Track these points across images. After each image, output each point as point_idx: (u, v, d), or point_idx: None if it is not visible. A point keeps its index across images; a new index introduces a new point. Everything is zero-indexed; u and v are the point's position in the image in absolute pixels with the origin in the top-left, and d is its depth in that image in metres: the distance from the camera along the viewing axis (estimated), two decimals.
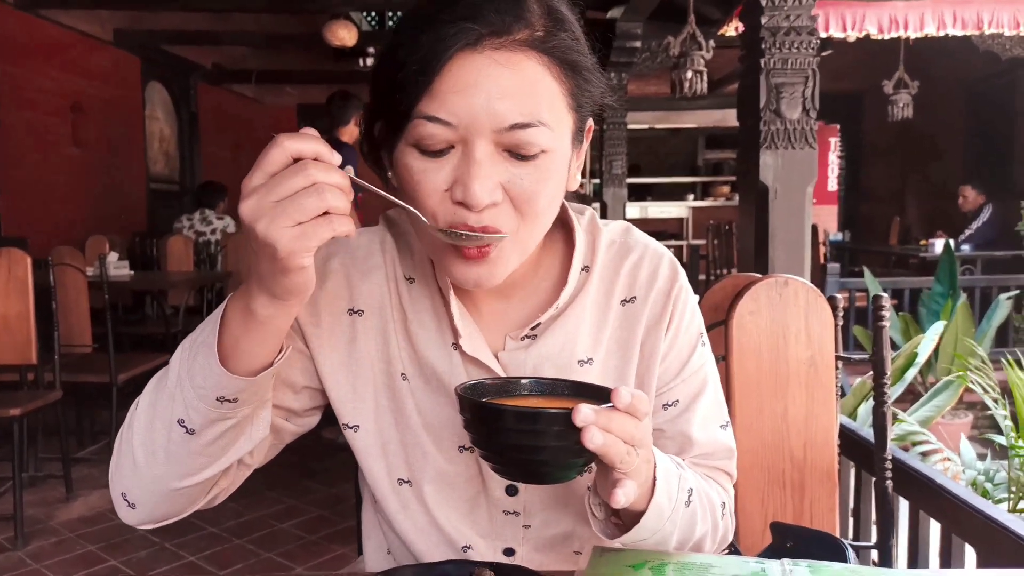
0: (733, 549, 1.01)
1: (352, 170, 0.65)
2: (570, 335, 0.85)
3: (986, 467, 2.76)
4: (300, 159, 0.62)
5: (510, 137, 0.71)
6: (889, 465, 1.37)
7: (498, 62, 0.70)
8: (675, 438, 0.89)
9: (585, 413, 0.63)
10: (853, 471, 1.72)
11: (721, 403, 0.93)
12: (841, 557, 0.96)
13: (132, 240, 6.15)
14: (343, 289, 0.85)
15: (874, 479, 1.44)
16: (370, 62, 7.06)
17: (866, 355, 1.40)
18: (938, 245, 6.08)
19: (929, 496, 1.43)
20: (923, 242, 6.94)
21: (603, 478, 0.72)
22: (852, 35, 5.10)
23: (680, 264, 0.91)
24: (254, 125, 9.25)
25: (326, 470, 3.75)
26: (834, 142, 9.25)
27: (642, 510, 0.74)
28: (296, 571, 2.75)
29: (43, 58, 5.75)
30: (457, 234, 0.71)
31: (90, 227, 5.71)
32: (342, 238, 0.87)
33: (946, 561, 1.40)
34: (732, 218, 7.28)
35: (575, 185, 0.81)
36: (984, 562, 1.30)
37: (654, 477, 0.74)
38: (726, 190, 9.95)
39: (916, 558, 1.50)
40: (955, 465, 2.70)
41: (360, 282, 0.86)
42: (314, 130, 0.64)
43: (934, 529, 1.47)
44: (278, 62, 8.55)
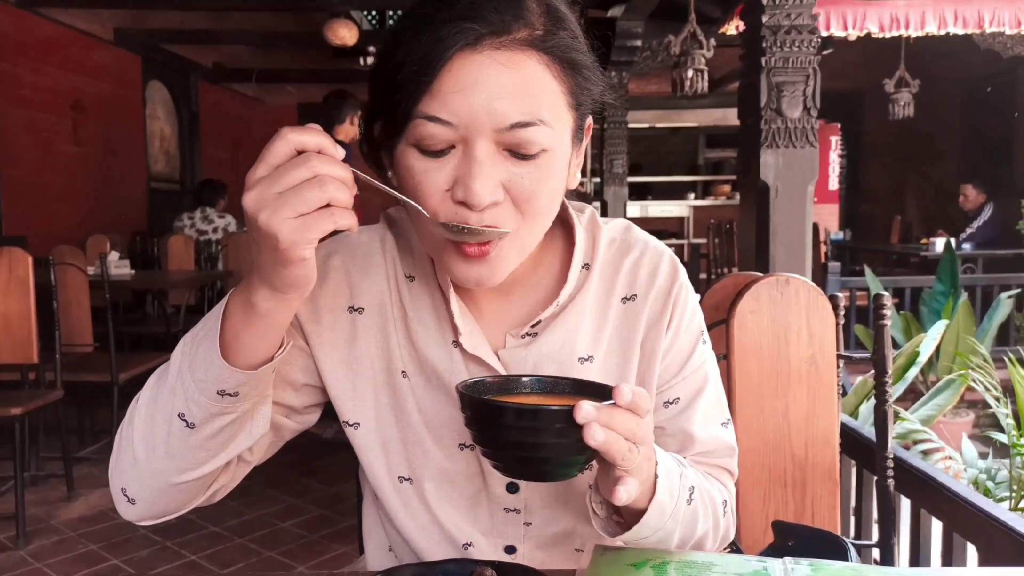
0: (735, 548, 1.01)
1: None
2: (571, 332, 0.85)
3: (987, 466, 2.76)
4: (304, 152, 0.63)
5: (511, 136, 0.71)
6: (891, 464, 1.37)
7: (498, 61, 0.70)
8: (676, 436, 0.89)
9: (587, 410, 0.63)
10: (854, 470, 1.72)
11: (722, 401, 0.93)
12: (843, 556, 0.96)
13: (133, 239, 6.15)
14: (343, 287, 0.86)
15: (875, 478, 1.45)
16: (370, 61, 7.05)
17: (867, 354, 1.40)
18: (939, 244, 6.07)
19: (930, 495, 1.43)
20: (924, 241, 6.94)
21: (604, 476, 0.72)
22: (853, 34, 5.08)
23: (680, 262, 0.91)
24: (254, 124, 9.26)
25: (326, 469, 3.75)
26: (835, 141, 9.26)
27: (644, 508, 0.74)
28: (297, 570, 2.75)
29: (44, 57, 5.75)
30: (459, 228, 0.72)
31: (91, 226, 5.71)
32: (343, 237, 0.88)
33: (947, 560, 1.40)
34: (733, 217, 7.28)
35: (575, 183, 0.81)
36: (985, 560, 1.30)
37: (655, 475, 0.74)
38: (727, 189, 9.95)
39: (917, 557, 1.50)
40: (956, 464, 2.70)
41: (360, 280, 0.86)
42: (318, 126, 0.65)
43: (935, 528, 1.47)
44: (278, 61, 8.55)
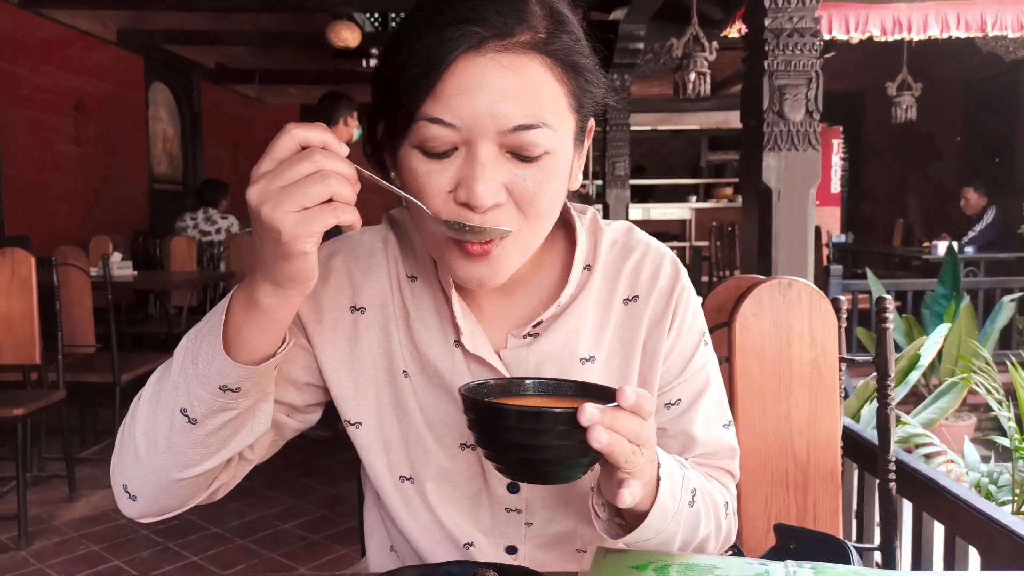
0: (737, 550, 1.01)
1: None
2: (572, 333, 0.85)
3: (990, 469, 2.75)
4: (308, 147, 0.63)
5: (513, 139, 0.71)
6: (892, 467, 1.37)
7: (501, 64, 0.70)
8: (678, 437, 0.89)
9: (590, 412, 0.63)
10: (856, 473, 1.72)
11: (724, 402, 0.93)
12: (844, 559, 0.96)
13: (135, 240, 6.15)
14: (345, 286, 0.86)
15: (878, 481, 1.44)
16: (373, 63, 7.06)
17: (869, 357, 1.40)
18: (941, 247, 6.07)
19: (932, 498, 1.42)
20: (926, 244, 6.93)
21: (607, 478, 0.72)
22: (855, 37, 5.08)
23: (682, 264, 0.91)
24: (256, 125, 9.27)
25: (327, 469, 3.75)
26: (837, 144, 9.27)
27: (646, 510, 0.74)
28: (299, 571, 2.75)
29: (46, 57, 5.76)
30: (461, 226, 0.72)
31: (93, 227, 5.72)
32: (345, 237, 0.88)
33: (949, 563, 1.40)
34: (735, 220, 7.28)
35: (576, 185, 0.82)
36: (987, 564, 1.30)
37: (658, 477, 0.74)
38: (729, 192, 9.96)
39: (919, 560, 1.50)
40: (958, 467, 2.70)
41: (362, 280, 0.86)
42: (323, 124, 0.65)
43: (937, 531, 1.46)
44: (280, 62, 8.57)
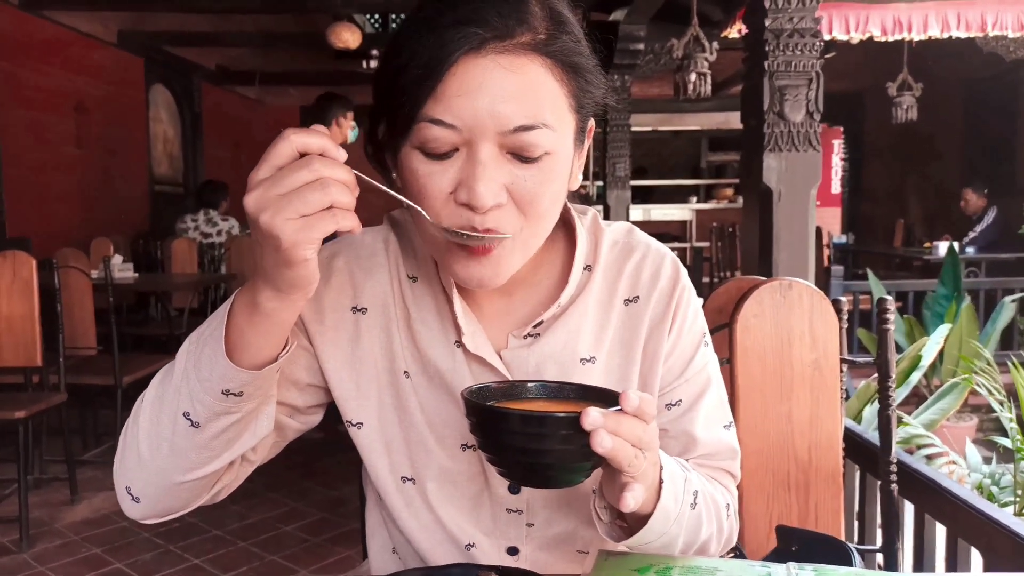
0: (738, 552, 1.01)
1: None
2: (573, 333, 0.85)
3: (992, 470, 2.75)
4: (307, 154, 0.63)
5: (514, 139, 0.71)
6: (894, 468, 1.37)
7: (502, 65, 0.70)
8: (679, 438, 0.89)
9: (594, 417, 0.63)
10: (858, 474, 1.71)
11: (724, 403, 0.93)
12: (846, 561, 0.95)
13: (136, 242, 6.15)
14: (347, 287, 0.86)
15: (879, 482, 1.44)
16: (373, 64, 7.06)
17: (870, 358, 1.40)
18: (942, 247, 6.06)
19: (934, 499, 1.42)
20: (927, 244, 6.93)
21: (609, 481, 0.72)
22: (856, 37, 5.08)
23: (683, 265, 0.91)
24: (257, 126, 9.28)
25: (328, 471, 3.75)
26: (837, 144, 9.26)
27: (648, 513, 0.74)
28: (300, 574, 2.75)
29: (47, 59, 5.77)
30: (460, 234, 0.72)
31: (94, 228, 5.72)
32: (347, 238, 0.88)
33: (952, 565, 1.39)
34: (736, 220, 7.29)
35: (576, 184, 0.82)
36: (990, 566, 1.30)
37: (660, 479, 0.74)
38: (729, 192, 9.96)
39: (921, 562, 1.50)
40: (960, 468, 2.69)
41: (364, 280, 0.86)
42: (323, 127, 0.65)
43: (939, 532, 1.46)
44: (281, 63, 8.57)
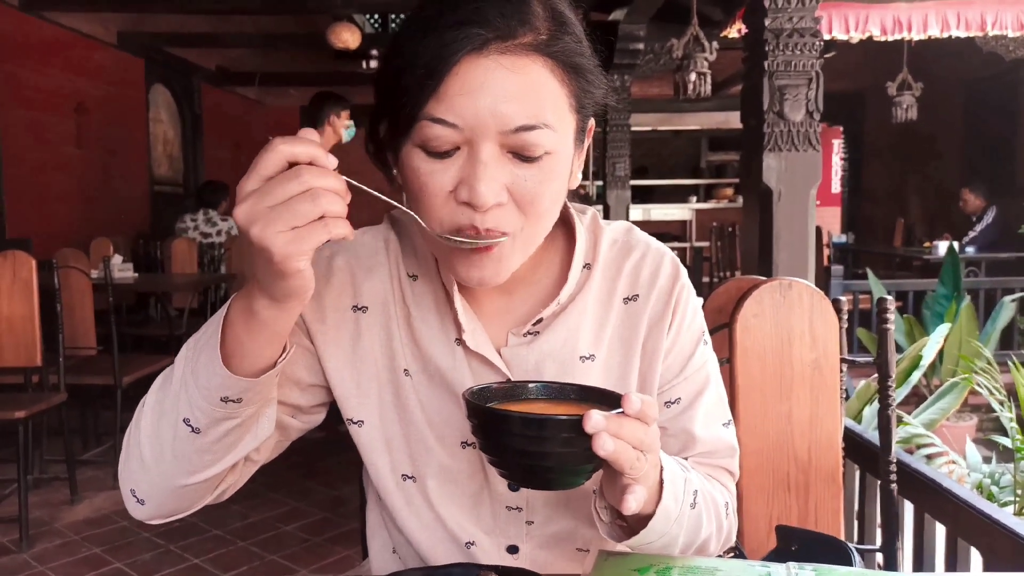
0: (738, 552, 1.01)
1: None
2: (572, 331, 0.86)
3: (991, 470, 2.75)
4: (296, 163, 0.62)
5: (515, 139, 0.71)
6: (894, 468, 1.37)
7: (504, 66, 0.71)
8: (678, 436, 0.89)
9: (596, 420, 0.63)
10: (858, 474, 1.71)
11: (723, 401, 0.93)
12: (846, 560, 0.96)
13: (136, 242, 6.15)
14: (347, 286, 0.86)
15: (879, 482, 1.44)
16: (373, 64, 7.06)
17: (870, 357, 1.40)
18: (942, 247, 6.06)
19: (934, 499, 1.42)
20: (927, 244, 6.93)
21: (610, 483, 0.72)
22: (855, 36, 5.08)
23: (682, 264, 0.91)
24: (257, 126, 9.28)
25: (328, 471, 3.75)
26: (837, 144, 9.26)
27: (649, 513, 0.74)
28: (300, 573, 2.75)
29: (47, 60, 5.76)
30: (458, 241, 0.72)
31: (94, 229, 5.72)
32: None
33: (951, 564, 1.40)
34: (735, 220, 7.28)
35: (576, 183, 0.82)
36: (989, 565, 1.30)
37: (660, 480, 0.74)
38: (729, 192, 9.96)
39: (921, 561, 1.50)
40: (960, 468, 2.69)
41: (364, 279, 0.87)
42: (314, 131, 0.64)
43: (939, 532, 1.46)
44: (281, 64, 8.57)
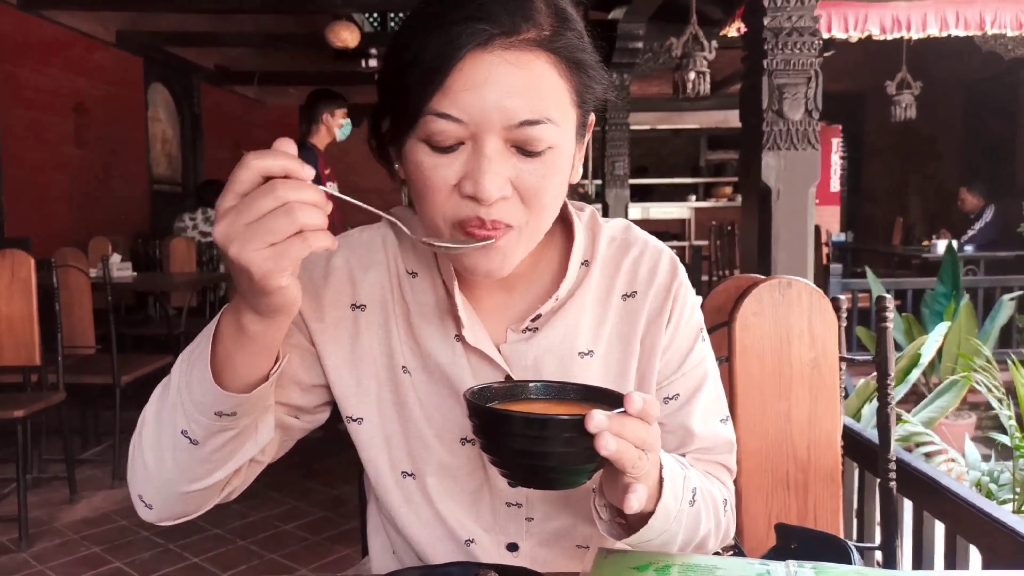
0: (737, 550, 1.01)
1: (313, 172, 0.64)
2: (571, 327, 0.86)
3: (990, 468, 2.75)
4: (271, 177, 0.61)
5: (519, 134, 0.72)
6: (893, 466, 1.37)
7: (508, 61, 0.71)
8: (676, 432, 0.90)
9: (598, 419, 0.63)
10: (857, 472, 1.72)
11: (721, 397, 0.94)
12: (845, 559, 0.96)
13: (135, 241, 6.15)
14: (346, 285, 0.86)
15: (878, 480, 1.44)
16: (372, 63, 7.06)
17: (869, 356, 1.40)
18: (940, 246, 6.07)
19: (933, 497, 1.42)
20: (926, 243, 6.93)
21: (610, 481, 0.72)
22: (854, 36, 5.08)
23: (681, 262, 0.92)
24: (256, 126, 9.26)
25: (328, 470, 3.75)
26: (836, 143, 9.26)
27: (650, 511, 0.74)
28: (300, 572, 2.75)
29: (46, 59, 5.76)
30: (457, 246, 0.74)
31: (93, 228, 5.72)
32: (344, 236, 0.89)
33: (951, 562, 1.40)
34: (735, 219, 7.27)
35: (577, 177, 0.83)
36: (988, 563, 1.30)
37: (660, 478, 0.74)
38: (728, 191, 9.95)
39: (920, 559, 1.50)
40: (959, 466, 2.70)
41: (362, 277, 0.87)
42: (290, 141, 0.62)
43: (938, 530, 1.46)
44: (280, 63, 8.56)
